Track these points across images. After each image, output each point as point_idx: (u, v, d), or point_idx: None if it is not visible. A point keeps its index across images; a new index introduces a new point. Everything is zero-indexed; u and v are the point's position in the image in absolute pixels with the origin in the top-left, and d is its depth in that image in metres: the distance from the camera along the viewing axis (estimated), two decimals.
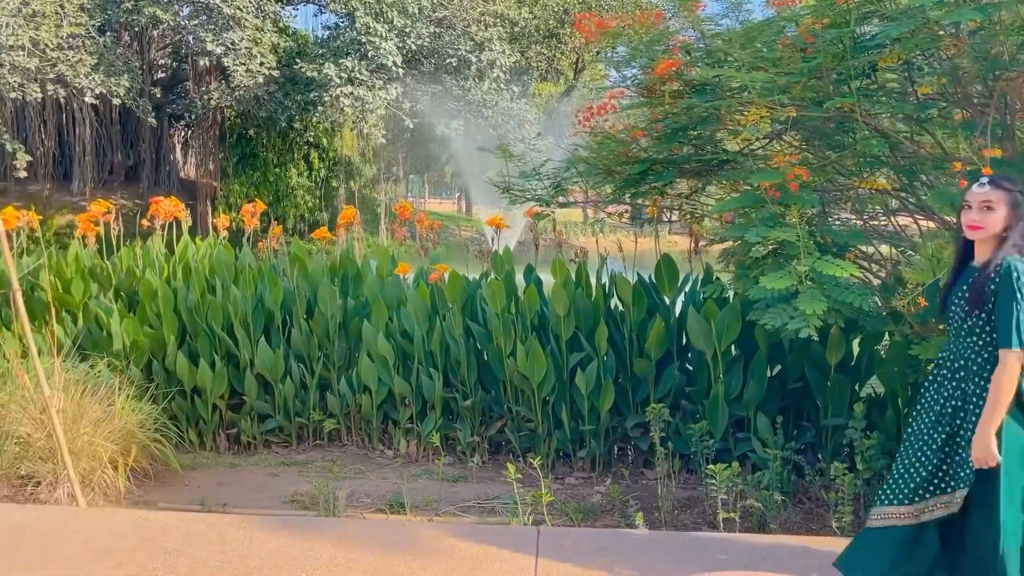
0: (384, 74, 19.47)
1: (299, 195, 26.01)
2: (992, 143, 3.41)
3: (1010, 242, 2.64)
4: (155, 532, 3.71)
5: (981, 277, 2.66)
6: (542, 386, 5.04)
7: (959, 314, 2.75)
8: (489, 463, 5.29)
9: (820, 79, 3.71)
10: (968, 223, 2.69)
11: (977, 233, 2.69)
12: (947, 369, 2.85)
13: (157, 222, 6.18)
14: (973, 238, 2.73)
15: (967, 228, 2.71)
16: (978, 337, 2.71)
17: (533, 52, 24.72)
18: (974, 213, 2.67)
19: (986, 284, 2.64)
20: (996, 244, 2.67)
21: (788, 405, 4.94)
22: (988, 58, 3.59)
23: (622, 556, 3.47)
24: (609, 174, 4.43)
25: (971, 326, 2.72)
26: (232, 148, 25.22)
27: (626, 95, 4.81)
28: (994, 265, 2.63)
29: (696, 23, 4.38)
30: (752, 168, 4.20)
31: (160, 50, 23.91)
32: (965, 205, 2.72)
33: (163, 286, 5.63)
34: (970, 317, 2.71)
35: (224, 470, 5.22)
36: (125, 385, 4.97)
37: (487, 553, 3.49)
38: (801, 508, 4.42)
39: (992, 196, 2.65)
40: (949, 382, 2.82)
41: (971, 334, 2.72)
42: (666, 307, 5.12)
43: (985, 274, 2.66)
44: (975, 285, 2.68)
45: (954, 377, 2.81)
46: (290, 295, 5.73)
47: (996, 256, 2.64)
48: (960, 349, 2.77)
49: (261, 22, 19.17)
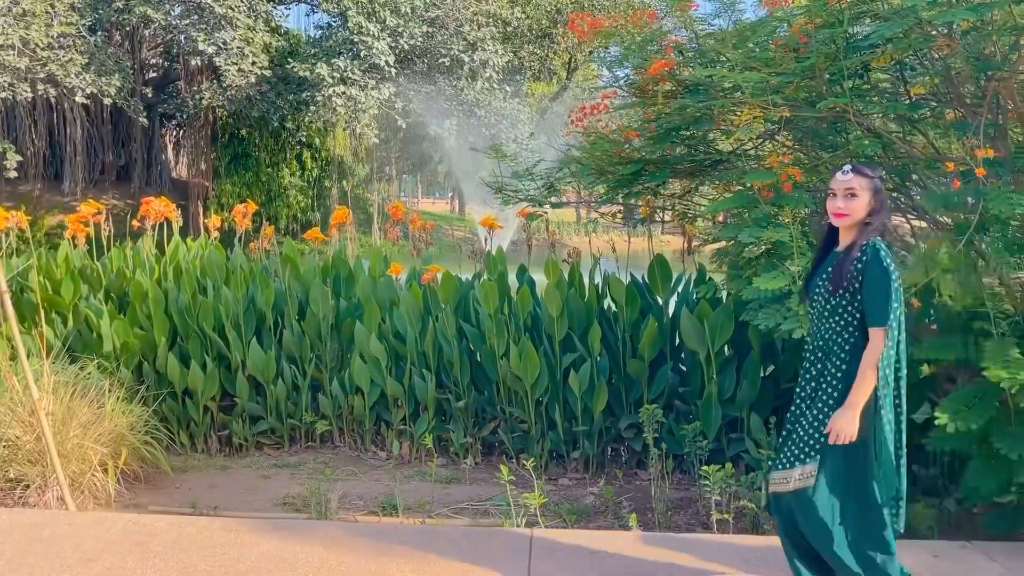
0: (377, 74, 19.45)
1: (291, 195, 25.97)
2: (984, 143, 3.41)
3: (873, 227, 2.71)
4: (145, 536, 3.68)
5: (845, 260, 2.72)
6: (535, 387, 5.02)
7: (823, 295, 2.81)
8: (482, 464, 5.27)
9: (813, 79, 3.70)
10: (833, 210, 2.76)
11: (842, 220, 2.76)
12: (809, 351, 2.91)
13: (148, 222, 6.15)
14: (839, 225, 2.79)
15: (832, 215, 2.77)
16: (840, 318, 2.76)
17: (526, 52, 24.73)
18: (839, 200, 2.74)
19: (850, 266, 2.70)
20: (859, 229, 2.74)
21: (782, 405, 4.92)
22: (981, 58, 3.59)
23: (615, 558, 3.46)
24: (602, 174, 4.41)
25: (833, 307, 2.77)
26: (224, 148, 25.16)
27: (619, 95, 4.80)
28: (858, 247, 2.69)
29: (688, 23, 4.37)
30: (745, 168, 4.20)
31: (151, 49, 23.85)
32: (831, 193, 2.78)
33: (154, 287, 5.59)
34: (832, 297, 2.76)
35: (215, 472, 5.19)
36: (115, 387, 4.92)
37: (480, 556, 3.47)
38: None
39: (855, 183, 2.72)
40: (812, 364, 2.88)
41: (833, 315, 2.78)
42: (659, 307, 5.11)
43: (850, 257, 2.71)
44: (838, 267, 2.73)
45: (816, 358, 2.86)
46: (282, 296, 5.70)
47: (859, 239, 2.71)
48: (821, 331, 2.83)
49: (253, 21, 19.13)
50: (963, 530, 4.10)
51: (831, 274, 2.75)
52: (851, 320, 2.74)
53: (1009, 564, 3.38)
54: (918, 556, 3.48)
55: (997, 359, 3.28)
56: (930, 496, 4.28)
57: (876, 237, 2.69)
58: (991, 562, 3.41)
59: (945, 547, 3.61)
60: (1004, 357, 3.27)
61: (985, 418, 3.36)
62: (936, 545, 3.66)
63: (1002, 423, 3.43)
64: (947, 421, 3.35)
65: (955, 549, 3.58)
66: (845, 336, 2.75)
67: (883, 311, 2.62)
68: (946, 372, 4.14)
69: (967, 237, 3.27)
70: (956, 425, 3.33)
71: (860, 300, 2.69)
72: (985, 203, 3.21)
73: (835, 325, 2.77)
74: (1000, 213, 3.14)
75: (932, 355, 3.67)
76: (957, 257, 3.27)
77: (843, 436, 2.66)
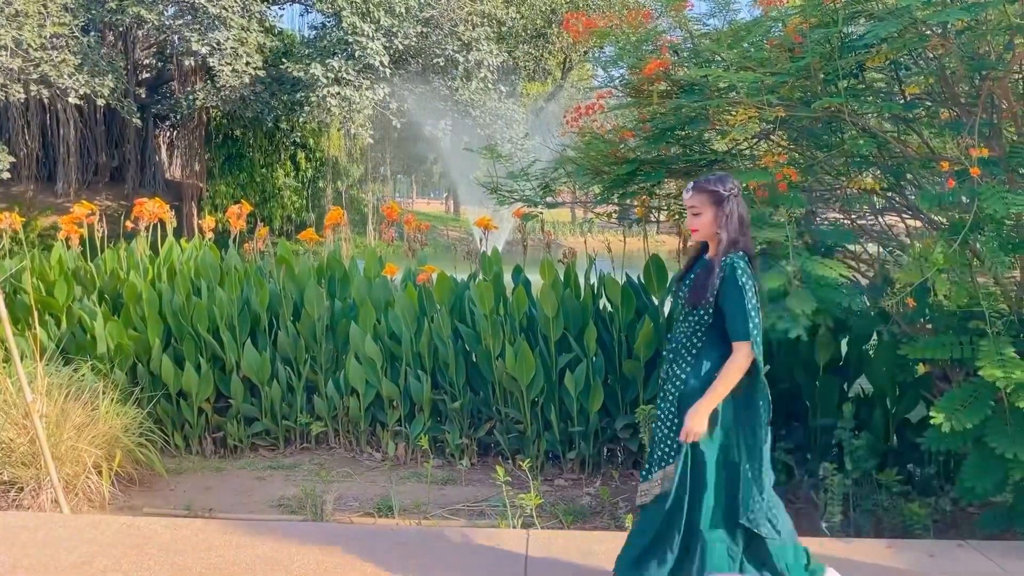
0: (371, 74, 19.42)
1: (286, 196, 25.95)
2: (979, 142, 3.41)
3: (727, 239, 2.79)
4: (140, 538, 3.66)
5: (704, 272, 2.83)
6: (531, 387, 5.02)
7: (683, 299, 2.90)
8: (478, 465, 5.26)
9: (808, 79, 3.70)
10: (689, 227, 2.89)
11: (695, 236, 2.90)
12: (665, 351, 3.02)
13: (141, 224, 6.12)
14: (694, 240, 2.94)
15: (690, 231, 2.90)
16: (695, 323, 2.86)
17: (521, 52, 24.73)
18: (689, 218, 2.87)
19: (708, 279, 2.79)
20: (717, 242, 2.83)
21: (777, 406, 4.91)
22: (975, 58, 3.60)
23: (612, 558, 3.45)
24: (597, 174, 4.41)
25: (687, 313, 2.88)
26: (218, 148, 25.13)
27: (614, 95, 4.79)
28: (718, 263, 2.78)
29: (683, 23, 4.37)
30: (741, 168, 4.20)
31: (144, 50, 23.78)
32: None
33: (148, 288, 5.56)
34: (688, 305, 2.84)
35: (210, 474, 5.17)
36: (109, 389, 4.91)
37: (477, 557, 3.46)
38: (791, 508, 4.39)
39: (695, 201, 2.84)
40: (666, 364, 2.98)
41: (687, 320, 2.89)
42: (655, 307, 5.11)
43: (708, 269, 2.82)
44: (698, 279, 2.84)
45: (668, 359, 2.96)
46: (276, 297, 5.68)
47: (718, 254, 2.81)
48: (677, 333, 2.95)
49: (247, 22, 19.09)
50: (959, 529, 4.11)
51: (693, 284, 2.85)
52: (701, 327, 2.84)
53: (1005, 563, 3.38)
54: (915, 555, 3.48)
55: (992, 358, 3.28)
56: (926, 496, 4.29)
57: (735, 253, 2.77)
58: (988, 561, 3.41)
59: (941, 546, 3.62)
60: (999, 356, 3.27)
61: (980, 417, 3.36)
62: (932, 544, 3.67)
63: (997, 422, 3.43)
64: (943, 421, 3.36)
65: (951, 548, 3.58)
66: (694, 341, 2.86)
67: (744, 326, 2.71)
68: (941, 371, 4.16)
69: (962, 236, 3.27)
70: (952, 424, 3.33)
71: (713, 312, 2.80)
72: (980, 202, 3.21)
73: (687, 330, 2.88)
74: (995, 212, 3.14)
75: (927, 354, 3.67)
76: (952, 256, 3.27)
77: (691, 435, 2.75)
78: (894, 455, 4.62)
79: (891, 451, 4.63)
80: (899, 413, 4.64)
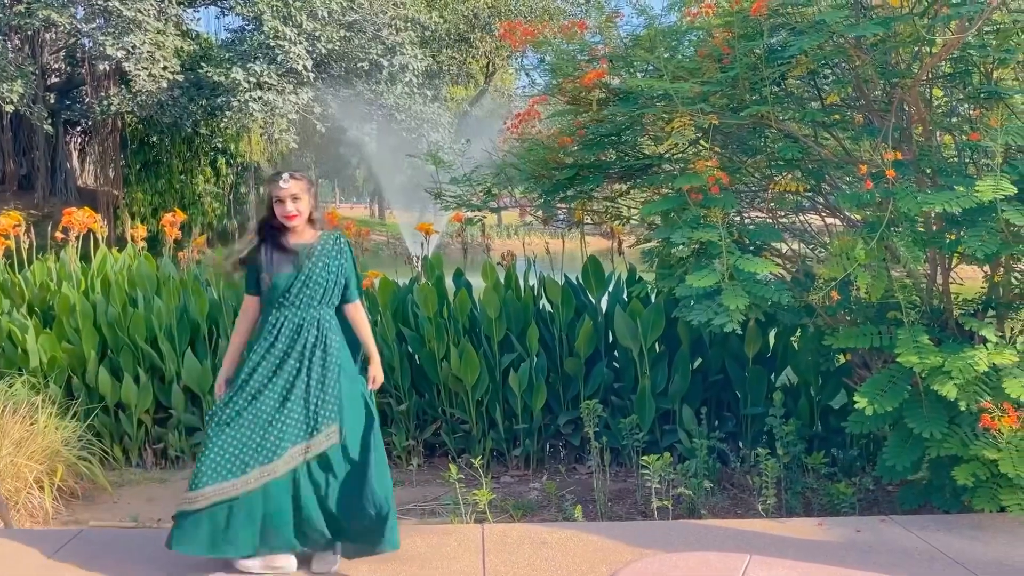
0: (294, 78, 19.19)
1: (207, 202, 25.34)
2: (891, 146, 3.69)
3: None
4: (87, 551, 3.62)
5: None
6: (476, 388, 5.14)
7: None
8: (425, 466, 5.34)
9: (735, 88, 3.93)
10: (285, 214, 3.30)
11: (294, 221, 3.32)
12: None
13: (72, 233, 5.99)
14: (292, 225, 3.33)
15: (285, 218, 3.31)
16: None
17: (444, 56, 24.76)
18: (288, 205, 3.29)
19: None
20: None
21: (710, 397, 5.18)
22: (888, 67, 3.89)
23: (566, 547, 3.60)
24: (539, 179, 4.56)
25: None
26: (134, 155, 24.35)
27: (549, 102, 4.94)
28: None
29: (612, 38, 4.54)
30: (673, 172, 4.41)
31: (54, 54, 22.89)
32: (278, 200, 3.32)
33: (81, 300, 5.46)
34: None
35: (154, 485, 5.11)
36: (46, 403, 4.81)
37: (435, 553, 3.56)
38: (726, 494, 4.65)
39: (296, 188, 3.30)
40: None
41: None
42: (594, 307, 5.30)
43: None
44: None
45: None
46: (216, 305, 5.64)
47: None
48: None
49: (163, 25, 18.62)
50: (881, 506, 4.42)
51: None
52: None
53: (924, 535, 3.67)
54: (843, 531, 3.74)
55: (908, 346, 3.56)
56: (850, 476, 4.59)
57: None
58: (908, 533, 3.69)
59: (866, 522, 3.88)
60: (915, 344, 3.55)
61: (899, 400, 3.64)
62: (858, 520, 3.93)
63: (914, 405, 3.72)
64: (866, 405, 3.62)
65: (875, 523, 3.85)
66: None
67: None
68: (861, 360, 4.45)
69: (879, 234, 3.54)
70: (874, 408, 3.59)
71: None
72: (895, 202, 3.48)
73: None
74: (909, 211, 3.42)
75: (849, 344, 3.93)
76: (871, 252, 3.53)
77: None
78: (820, 440, 4.92)
79: (817, 436, 4.93)
80: (823, 400, 4.94)
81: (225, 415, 3.24)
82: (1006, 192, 3.25)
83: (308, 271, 3.29)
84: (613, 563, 3.44)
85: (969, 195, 3.29)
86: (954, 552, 3.48)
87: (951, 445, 3.64)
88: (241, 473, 3.19)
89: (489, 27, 24.23)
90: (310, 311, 3.32)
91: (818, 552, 3.51)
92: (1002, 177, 3.30)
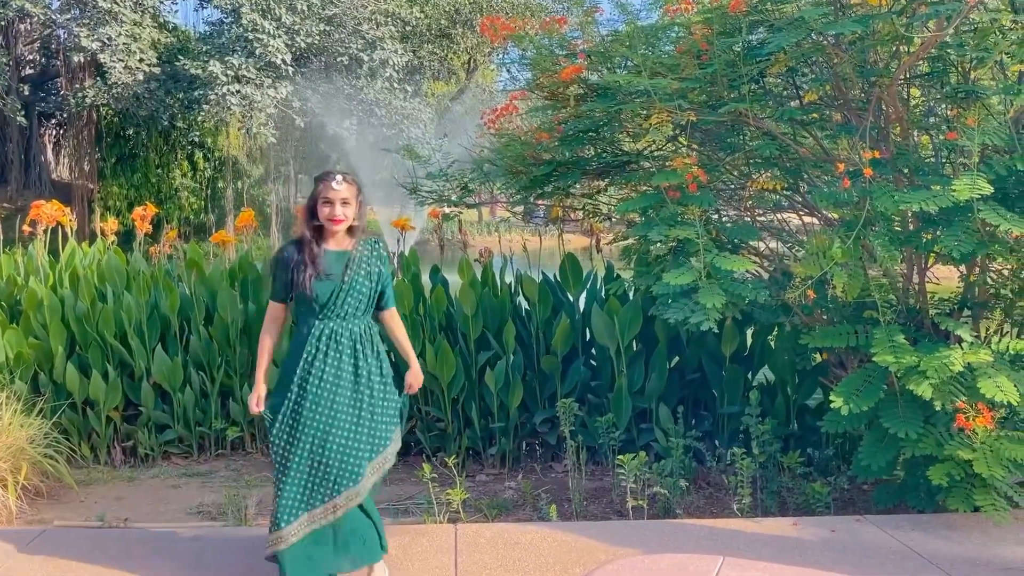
0: (273, 72, 19.01)
1: (183, 196, 25.10)
2: (869, 145, 3.68)
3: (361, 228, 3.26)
4: (52, 550, 3.54)
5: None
6: (452, 385, 5.08)
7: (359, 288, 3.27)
8: (399, 465, 5.25)
9: (714, 85, 3.90)
10: (332, 216, 3.12)
11: (340, 225, 3.15)
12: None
13: (40, 227, 5.87)
14: (336, 230, 3.17)
15: (331, 221, 3.13)
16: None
17: (425, 51, 24.62)
18: (337, 208, 3.12)
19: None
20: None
21: (687, 395, 5.16)
22: (866, 66, 3.87)
23: (539, 548, 3.56)
24: (516, 175, 4.51)
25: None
26: (110, 148, 24.06)
27: (527, 97, 4.90)
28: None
29: (591, 34, 4.50)
30: (652, 169, 4.37)
31: (28, 45, 22.54)
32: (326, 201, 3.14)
33: (49, 294, 5.35)
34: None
35: (122, 484, 5.02)
36: (11, 399, 4.70)
37: (407, 552, 3.51)
38: (702, 493, 4.62)
39: (347, 192, 3.14)
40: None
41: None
42: (571, 304, 5.26)
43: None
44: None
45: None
46: (188, 301, 5.55)
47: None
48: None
49: (140, 17, 18.40)
50: (855, 505, 4.41)
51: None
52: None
53: (898, 535, 3.66)
54: (818, 531, 3.73)
55: (884, 345, 3.54)
56: (825, 476, 4.58)
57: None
58: (882, 532, 3.69)
59: (840, 522, 3.88)
60: (891, 343, 3.54)
61: (874, 400, 3.62)
62: (832, 520, 3.93)
63: (890, 404, 3.71)
64: (841, 404, 3.59)
65: (850, 523, 3.85)
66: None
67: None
68: (837, 359, 4.44)
69: (856, 232, 3.52)
70: (850, 407, 3.57)
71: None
72: (872, 200, 3.46)
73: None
74: (886, 210, 3.40)
75: (825, 343, 3.91)
76: (848, 251, 3.51)
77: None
78: (796, 439, 4.91)
79: (793, 435, 4.92)
80: (799, 399, 4.93)
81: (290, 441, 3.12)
82: (983, 191, 3.24)
83: (351, 280, 3.12)
84: (587, 563, 3.40)
85: (946, 194, 3.28)
86: (928, 552, 3.48)
87: (926, 445, 3.64)
88: (328, 499, 3.09)
89: (471, 23, 24.09)
90: (355, 321, 3.16)
91: (793, 552, 3.49)
92: (979, 176, 3.28)
